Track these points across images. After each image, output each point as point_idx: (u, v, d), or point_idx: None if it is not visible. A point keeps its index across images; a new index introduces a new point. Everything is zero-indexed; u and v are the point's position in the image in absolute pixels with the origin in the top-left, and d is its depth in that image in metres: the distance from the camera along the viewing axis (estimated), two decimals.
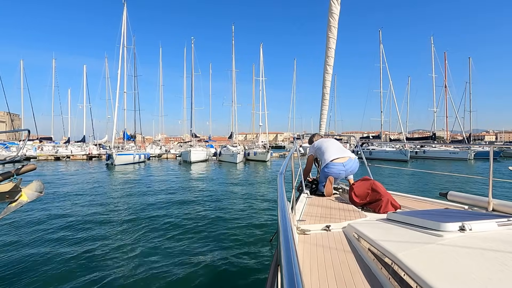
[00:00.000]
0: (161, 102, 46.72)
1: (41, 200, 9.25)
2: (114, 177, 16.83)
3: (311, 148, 4.03)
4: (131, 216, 7.42)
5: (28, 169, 2.76)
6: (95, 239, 5.60)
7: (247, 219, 7.12)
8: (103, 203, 9.13)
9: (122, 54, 29.26)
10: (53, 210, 8.02)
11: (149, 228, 6.34)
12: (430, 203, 2.96)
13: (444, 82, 39.03)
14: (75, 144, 40.22)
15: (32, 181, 2.78)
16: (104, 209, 8.18)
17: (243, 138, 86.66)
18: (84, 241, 5.53)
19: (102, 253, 4.93)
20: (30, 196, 2.66)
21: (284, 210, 1.19)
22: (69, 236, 5.80)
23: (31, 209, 7.79)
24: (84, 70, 43.74)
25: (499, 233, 1.46)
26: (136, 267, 4.39)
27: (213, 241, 5.53)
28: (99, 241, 5.48)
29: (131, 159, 27.14)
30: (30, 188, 2.71)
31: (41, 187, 2.74)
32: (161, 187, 12.53)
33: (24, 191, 2.63)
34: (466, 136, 37.71)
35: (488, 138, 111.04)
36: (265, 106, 38.59)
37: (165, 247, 5.21)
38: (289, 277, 0.65)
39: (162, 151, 40.04)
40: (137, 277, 4.10)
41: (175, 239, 5.64)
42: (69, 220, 6.90)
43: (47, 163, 27.82)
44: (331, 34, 3.96)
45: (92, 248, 5.11)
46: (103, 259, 4.68)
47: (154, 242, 5.46)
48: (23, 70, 42.08)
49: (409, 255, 1.23)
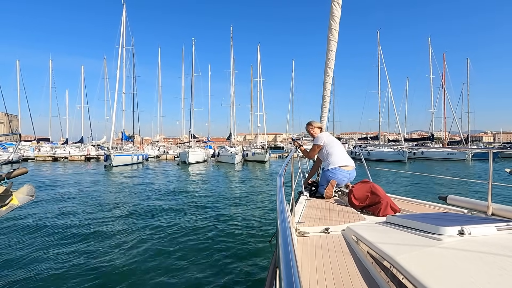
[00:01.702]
0: (160, 103, 46.72)
1: (35, 202, 9.20)
2: (111, 178, 16.78)
3: (318, 138, 3.82)
4: (128, 217, 7.37)
5: (19, 172, 2.73)
6: (90, 240, 5.56)
7: (246, 220, 7.10)
8: (98, 204, 9.07)
9: (121, 55, 29.18)
10: (47, 212, 7.96)
11: (146, 230, 6.30)
12: (430, 207, 2.94)
13: (442, 83, 39.23)
14: (73, 145, 40.00)
15: (24, 184, 2.74)
16: (99, 211, 8.12)
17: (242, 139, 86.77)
18: (78, 242, 5.47)
19: (99, 253, 4.89)
20: (21, 200, 2.62)
21: (283, 212, 1.19)
22: (63, 238, 5.75)
23: (24, 212, 7.73)
24: (82, 70, 43.66)
25: (498, 237, 1.46)
26: (134, 268, 4.36)
27: (212, 242, 5.51)
28: (95, 242, 5.44)
29: (129, 160, 27.08)
30: (21, 192, 2.67)
31: (32, 191, 2.71)
32: (159, 188, 12.48)
33: (15, 195, 2.59)
34: (464, 137, 37.84)
35: (486, 138, 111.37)
36: (263, 107, 38.68)
37: (163, 248, 5.17)
38: (288, 279, 0.65)
39: (160, 152, 39.98)
40: (136, 278, 4.07)
41: (173, 240, 5.61)
42: (63, 223, 6.83)
43: (45, 164, 27.72)
44: (332, 37, 3.96)
45: (88, 250, 5.07)
46: (100, 260, 4.64)
47: (152, 243, 5.43)
48: (19, 71, 42.05)
49: (408, 259, 1.22)
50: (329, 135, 3.95)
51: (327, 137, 3.86)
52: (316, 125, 4.04)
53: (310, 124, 4.05)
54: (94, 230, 6.25)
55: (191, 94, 36.15)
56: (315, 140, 3.86)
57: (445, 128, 41.32)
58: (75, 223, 6.78)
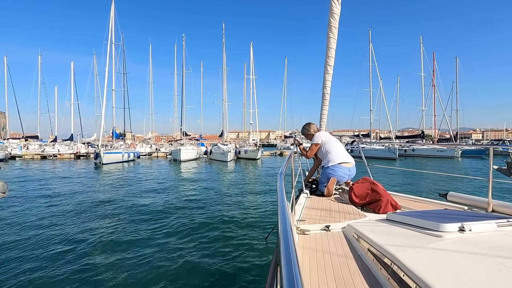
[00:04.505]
0: (151, 100, 46.17)
1: (20, 200, 8.97)
2: (100, 176, 16.49)
3: (315, 137, 3.85)
4: (116, 217, 7.21)
5: None
6: (77, 241, 5.41)
7: (240, 218, 7.05)
8: (86, 203, 8.84)
9: (110, 51, 28.63)
10: (28, 211, 7.72)
11: (137, 230, 6.17)
12: (430, 204, 2.97)
13: (432, 81, 39.78)
14: (63, 142, 39.28)
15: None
16: (86, 210, 7.92)
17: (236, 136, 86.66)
18: (63, 243, 5.32)
19: (88, 255, 4.76)
20: None
21: (284, 210, 1.19)
22: (45, 238, 5.57)
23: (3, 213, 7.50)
24: (72, 66, 42.98)
25: (499, 234, 1.47)
26: (132, 270, 4.25)
27: (206, 241, 5.43)
28: (81, 243, 5.29)
29: (120, 158, 26.75)
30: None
31: (4, 187, 2.58)
32: (150, 187, 12.30)
33: None
34: (453, 134, 38.58)
35: (475, 136, 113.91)
36: (256, 105, 38.62)
37: (159, 249, 5.07)
38: (289, 277, 0.65)
39: (152, 149, 39.58)
40: (134, 279, 3.98)
41: (166, 240, 5.51)
42: (45, 224, 6.60)
43: (33, 162, 27.09)
44: (332, 34, 3.96)
45: (75, 250, 4.95)
46: (89, 262, 4.52)
47: (147, 243, 5.32)
48: (6, 67, 40.98)
49: (409, 256, 1.23)
50: (326, 134, 3.98)
51: (324, 135, 3.88)
52: (312, 130, 4.01)
53: (306, 129, 4.05)
54: (80, 230, 6.08)
55: (182, 91, 35.81)
56: (312, 139, 3.88)
57: (435, 126, 42.04)
58: (59, 223, 6.59)
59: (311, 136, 3.95)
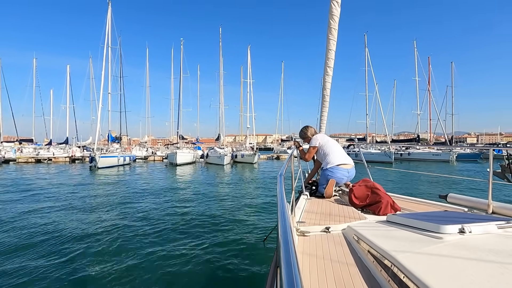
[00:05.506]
0: (148, 103, 46.15)
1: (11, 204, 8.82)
2: (95, 180, 16.29)
3: (313, 140, 3.83)
4: (112, 222, 7.09)
5: None
6: (71, 246, 5.31)
7: (238, 221, 7.01)
8: (80, 208, 8.70)
9: (106, 54, 28.54)
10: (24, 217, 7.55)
11: (133, 234, 6.09)
12: (430, 205, 2.96)
13: (427, 86, 40.16)
14: (58, 146, 38.87)
15: None
16: (81, 215, 7.80)
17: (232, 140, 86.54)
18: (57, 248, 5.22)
19: (83, 260, 4.68)
20: None
21: (283, 212, 1.18)
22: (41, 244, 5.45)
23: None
24: (68, 70, 42.64)
25: (499, 235, 1.46)
26: (130, 273, 4.19)
27: (204, 244, 5.38)
28: (76, 248, 5.20)
29: (116, 162, 26.50)
30: None
31: None
32: (145, 191, 12.18)
33: None
34: (448, 138, 38.90)
35: (470, 140, 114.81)
36: (253, 108, 38.77)
37: (156, 252, 5.00)
38: (289, 278, 0.65)
39: (148, 153, 39.36)
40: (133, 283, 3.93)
41: (163, 244, 5.44)
42: (41, 228, 6.46)
43: (27, 166, 26.75)
44: (332, 36, 3.97)
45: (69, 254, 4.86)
46: (85, 267, 4.45)
47: (143, 247, 5.25)
48: (1, 69, 40.76)
49: (409, 257, 1.23)
50: (324, 136, 3.97)
51: (322, 137, 3.87)
52: (309, 133, 3.99)
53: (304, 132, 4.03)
54: (74, 235, 5.96)
55: (179, 94, 35.81)
56: (310, 142, 3.87)
57: (430, 130, 42.38)
58: (52, 228, 6.47)
59: (309, 139, 3.94)
